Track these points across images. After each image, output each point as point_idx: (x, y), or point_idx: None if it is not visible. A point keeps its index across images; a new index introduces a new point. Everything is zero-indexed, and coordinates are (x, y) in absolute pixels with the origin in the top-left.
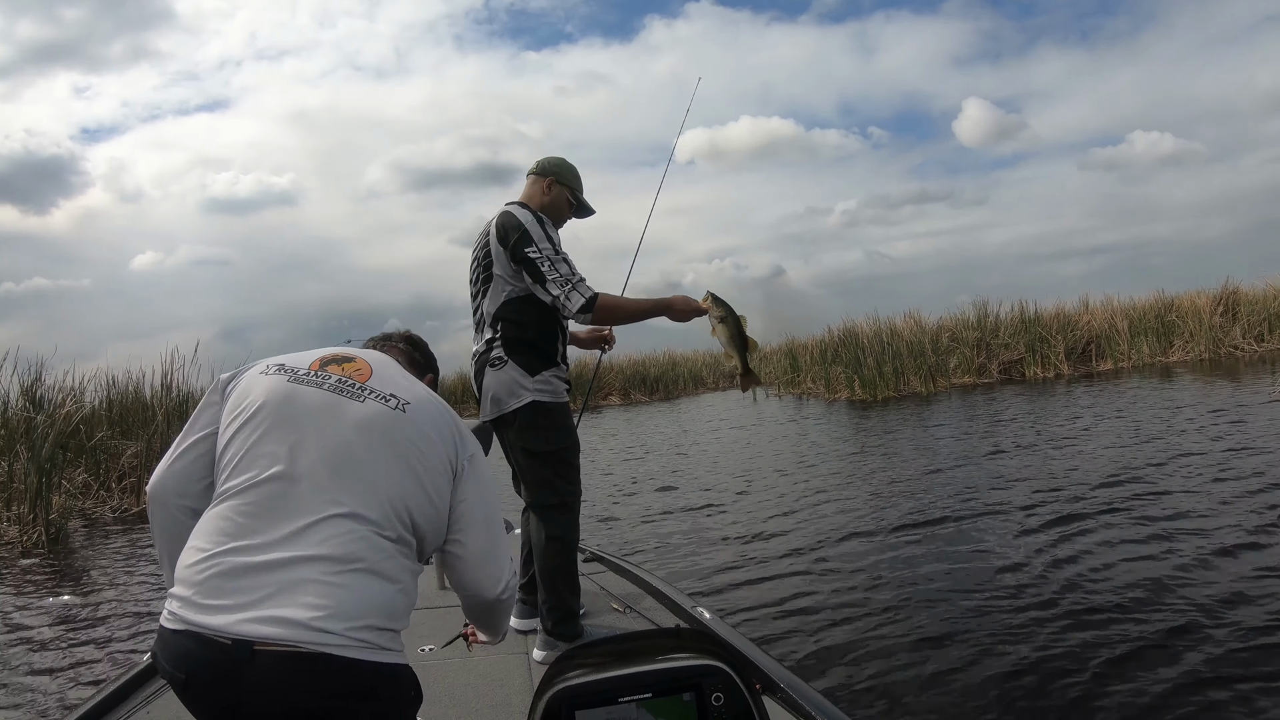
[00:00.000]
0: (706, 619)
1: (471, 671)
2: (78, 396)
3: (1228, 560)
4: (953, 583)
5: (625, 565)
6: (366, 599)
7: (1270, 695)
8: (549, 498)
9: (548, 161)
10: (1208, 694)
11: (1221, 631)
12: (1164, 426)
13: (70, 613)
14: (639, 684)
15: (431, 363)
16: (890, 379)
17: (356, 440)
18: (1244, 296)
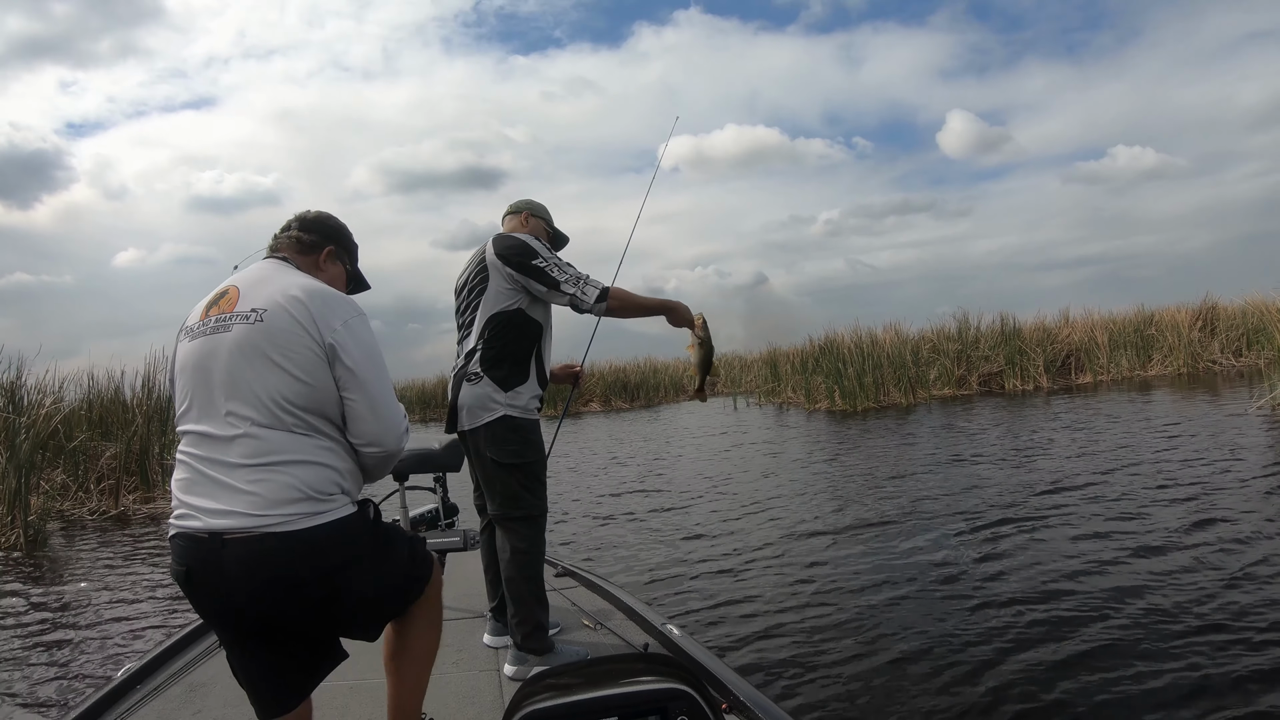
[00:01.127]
0: (675, 636)
1: (444, 689)
2: (58, 396)
3: (1168, 564)
4: (922, 598)
5: (596, 580)
6: (285, 483)
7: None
8: (515, 510)
9: (521, 202)
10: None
11: (1175, 630)
12: (1137, 441)
13: (48, 614)
14: (605, 707)
15: (327, 233)
16: (870, 390)
17: (232, 363)
18: (1223, 311)
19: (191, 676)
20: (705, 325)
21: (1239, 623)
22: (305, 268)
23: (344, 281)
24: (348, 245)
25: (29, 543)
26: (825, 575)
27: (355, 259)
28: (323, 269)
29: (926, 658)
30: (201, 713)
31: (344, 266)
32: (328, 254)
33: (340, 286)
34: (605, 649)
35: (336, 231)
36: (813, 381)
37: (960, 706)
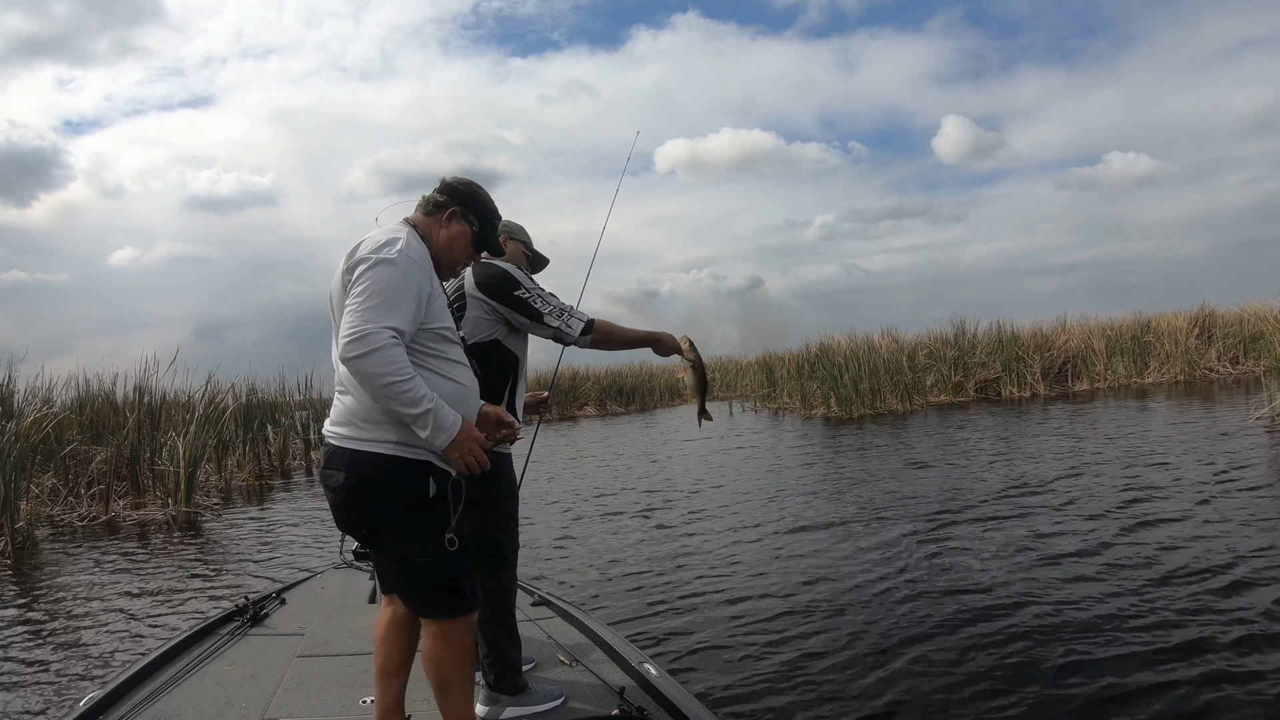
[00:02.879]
0: (653, 676)
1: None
2: (48, 400)
3: (1161, 578)
4: (914, 626)
5: (572, 612)
6: (341, 406)
7: None
8: (486, 548)
9: (501, 223)
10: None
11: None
12: (1138, 454)
13: (29, 627)
14: None
15: (456, 196)
16: (867, 396)
17: (333, 303)
18: (1220, 319)
19: (155, 708)
20: (694, 347)
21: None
22: (428, 224)
23: (467, 239)
24: (476, 209)
25: (17, 550)
26: (812, 603)
27: (486, 221)
28: (444, 226)
29: (922, 689)
30: None
31: (469, 227)
32: (451, 214)
33: (461, 244)
34: (581, 688)
35: (465, 195)
36: (808, 387)
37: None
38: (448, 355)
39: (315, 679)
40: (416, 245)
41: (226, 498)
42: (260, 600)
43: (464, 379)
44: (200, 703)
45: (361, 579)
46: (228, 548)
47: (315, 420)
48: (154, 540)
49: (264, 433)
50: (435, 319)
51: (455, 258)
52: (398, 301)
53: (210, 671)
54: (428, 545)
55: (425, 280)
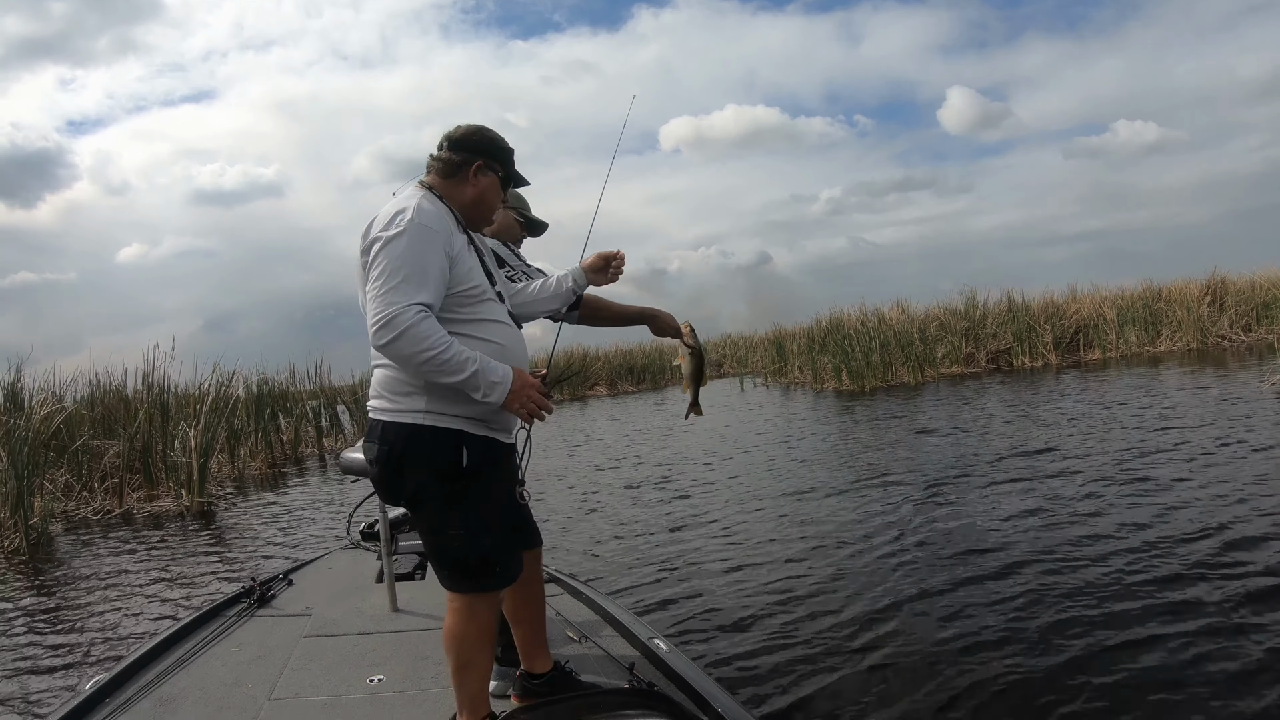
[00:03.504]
0: (663, 651)
1: (420, 707)
2: (59, 396)
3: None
4: (928, 602)
5: (582, 589)
6: (375, 379)
7: None
8: None
9: None
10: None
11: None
12: (1153, 421)
13: (49, 620)
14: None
15: (474, 148)
16: (878, 369)
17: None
18: (1231, 286)
19: (161, 689)
20: (694, 333)
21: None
22: (453, 188)
23: (497, 187)
24: (495, 154)
25: (32, 546)
26: (823, 576)
27: (506, 161)
28: (473, 183)
29: (933, 667)
30: None
31: (496, 175)
32: (477, 168)
33: (493, 193)
34: (590, 663)
35: (481, 145)
36: (819, 361)
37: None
38: (480, 315)
39: (322, 659)
40: (430, 208)
41: (240, 487)
42: (267, 582)
43: (500, 336)
44: (207, 684)
45: (369, 559)
46: (241, 535)
47: (326, 408)
48: (168, 530)
49: (276, 422)
50: (460, 280)
51: (490, 207)
52: (417, 274)
53: (217, 653)
54: (459, 517)
55: (444, 243)
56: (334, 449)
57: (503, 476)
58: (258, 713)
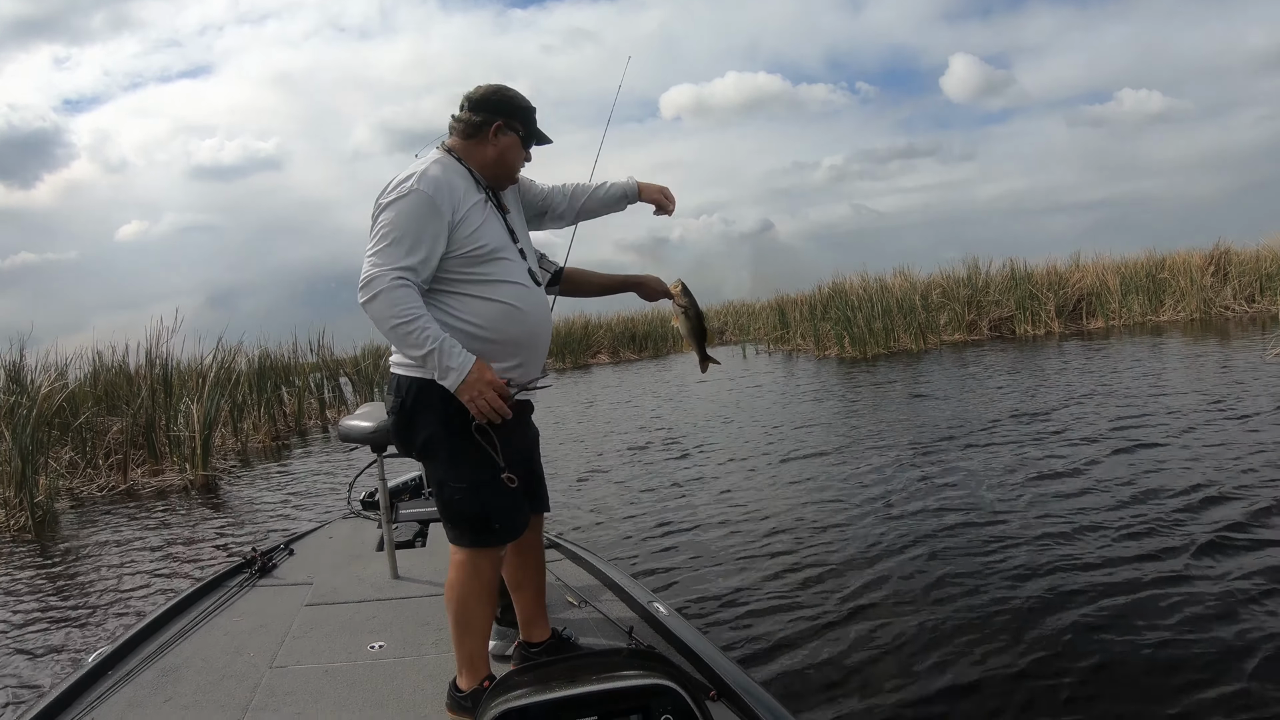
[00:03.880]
0: (663, 615)
1: (420, 672)
2: (61, 374)
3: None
4: (922, 566)
5: (581, 554)
6: None
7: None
8: None
9: None
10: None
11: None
12: (1154, 388)
13: (55, 597)
14: (584, 705)
15: (494, 108)
16: (880, 336)
17: None
18: (1235, 257)
19: (163, 660)
20: (686, 290)
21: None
22: (474, 148)
23: (518, 146)
24: (516, 113)
25: (38, 524)
26: (822, 540)
27: (526, 120)
28: (494, 143)
29: (925, 630)
30: (173, 699)
31: (516, 134)
32: (497, 128)
33: (514, 153)
34: (589, 627)
35: (502, 104)
36: (822, 328)
37: (967, 688)
38: (491, 275)
39: (323, 626)
40: (436, 174)
41: (244, 460)
42: (268, 552)
43: (512, 297)
44: (209, 653)
45: (369, 528)
46: (245, 507)
47: (329, 379)
48: (173, 504)
49: (278, 394)
50: (466, 241)
51: (512, 165)
52: (405, 239)
53: (218, 623)
54: (463, 471)
55: (444, 207)
56: (336, 420)
57: (513, 434)
58: (259, 681)
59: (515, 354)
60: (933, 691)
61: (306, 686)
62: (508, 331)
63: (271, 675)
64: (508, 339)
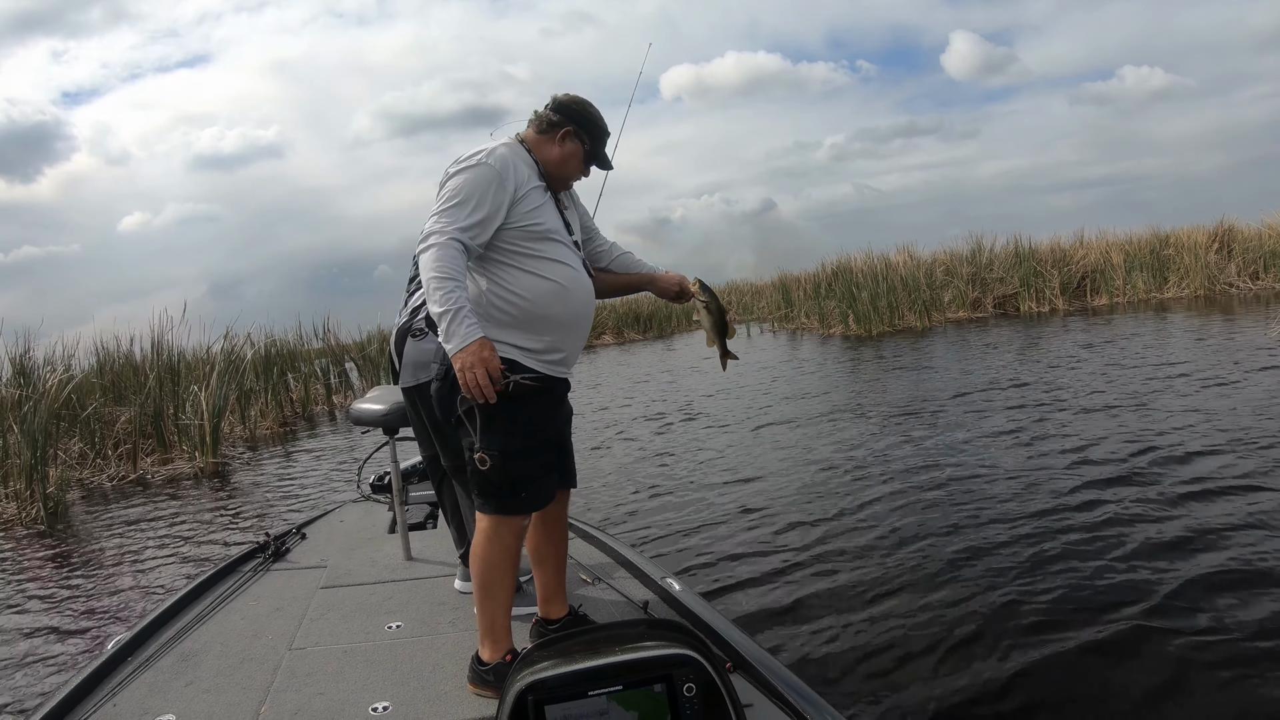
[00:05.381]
0: (676, 591)
1: (439, 651)
2: (67, 365)
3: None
4: (928, 547)
5: (593, 533)
6: None
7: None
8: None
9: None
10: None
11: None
12: (1161, 365)
13: (71, 585)
14: (608, 676)
15: (570, 115)
16: (885, 314)
17: None
18: (1239, 234)
19: (182, 645)
20: (704, 286)
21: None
22: (541, 143)
23: (579, 157)
24: (589, 129)
25: (50, 515)
26: (830, 517)
27: (596, 138)
28: (559, 145)
29: (934, 605)
30: (194, 683)
31: (581, 146)
32: (565, 133)
33: (574, 162)
34: (604, 605)
35: (579, 115)
36: (826, 306)
37: (971, 676)
38: (542, 253)
39: (340, 608)
40: (504, 153)
41: (252, 446)
42: (281, 536)
43: (561, 277)
44: (227, 637)
45: (380, 511)
46: (255, 493)
47: (335, 365)
48: (183, 492)
49: (285, 381)
50: (524, 217)
51: (568, 173)
52: (468, 204)
53: (235, 607)
54: (495, 439)
55: (508, 182)
56: (343, 405)
57: (550, 409)
58: (279, 663)
59: (554, 331)
60: (949, 663)
61: (326, 667)
62: (552, 309)
63: (291, 657)
64: (551, 316)
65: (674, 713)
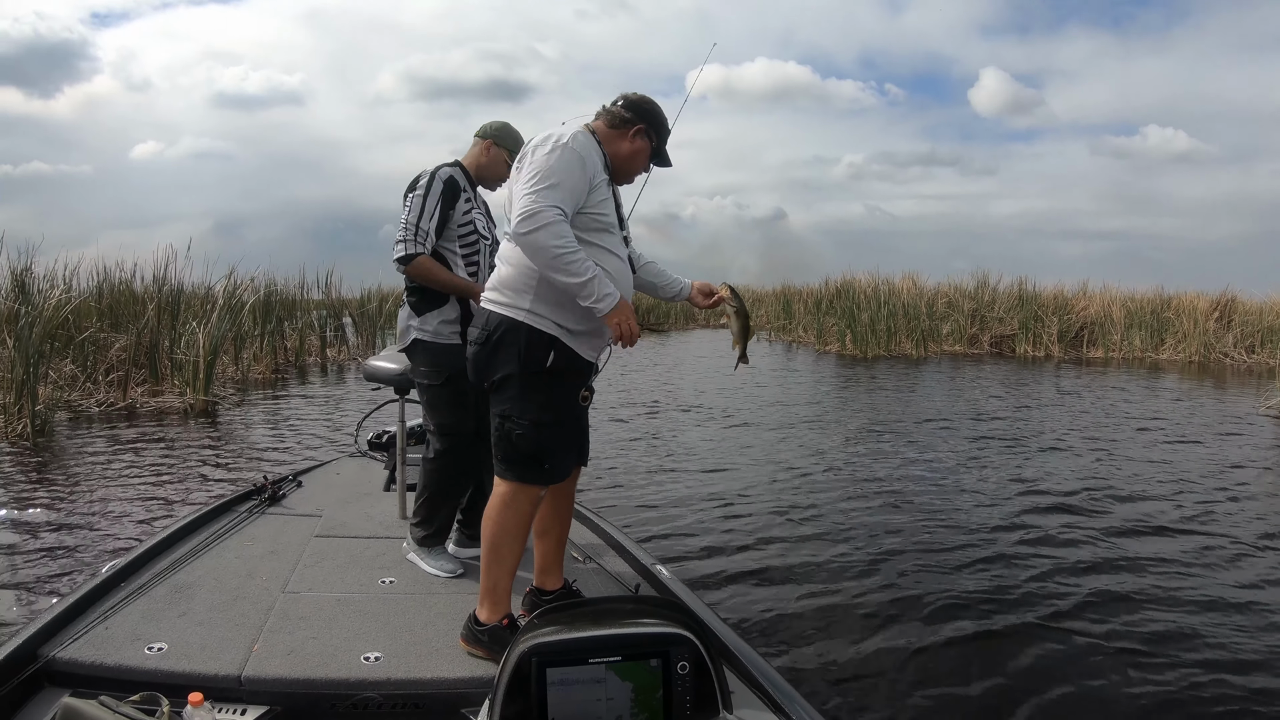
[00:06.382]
0: (665, 578)
1: (432, 609)
2: (68, 285)
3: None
4: (909, 547)
5: (587, 514)
6: (492, 280)
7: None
8: (429, 423)
9: (489, 125)
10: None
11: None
12: (1145, 425)
13: (49, 505)
14: (609, 646)
15: (641, 114)
16: (883, 337)
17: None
18: (1241, 305)
19: (176, 577)
20: (735, 293)
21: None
22: (613, 137)
23: (647, 154)
24: (657, 128)
25: (36, 432)
26: (809, 517)
27: (663, 138)
28: (630, 142)
29: (905, 602)
30: (187, 615)
31: (649, 144)
32: (637, 131)
33: (641, 159)
34: (595, 585)
35: (650, 114)
36: (825, 322)
37: (947, 670)
38: (601, 243)
39: (334, 558)
40: (584, 139)
41: (243, 389)
42: (278, 481)
43: (612, 267)
44: (221, 574)
45: (376, 468)
46: (244, 436)
47: (333, 319)
48: (170, 426)
49: (281, 328)
50: (593, 206)
51: (634, 169)
52: (561, 185)
53: (230, 546)
54: (529, 409)
55: (588, 169)
56: (337, 360)
57: (578, 388)
58: (272, 604)
59: (596, 318)
60: (918, 658)
61: (320, 613)
62: None
63: (285, 600)
64: None
65: (666, 687)
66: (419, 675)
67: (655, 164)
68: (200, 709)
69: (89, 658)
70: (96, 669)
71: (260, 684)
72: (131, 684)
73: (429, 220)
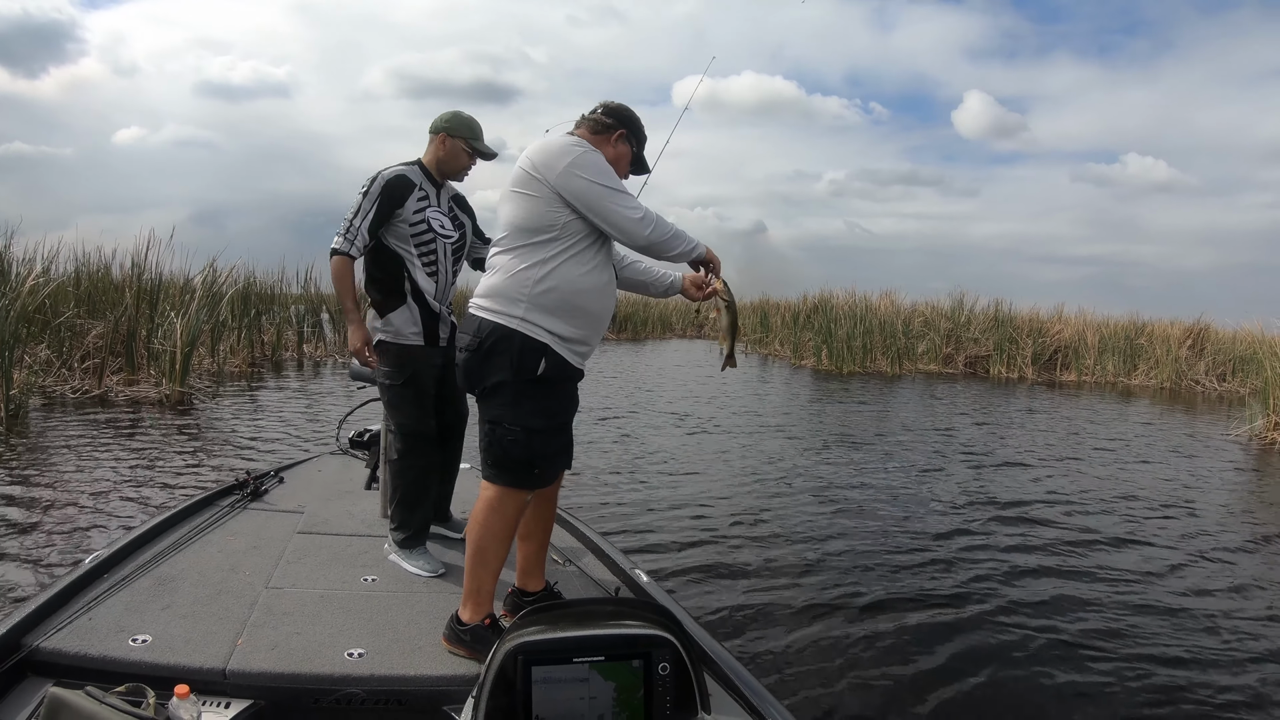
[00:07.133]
0: (643, 582)
1: (414, 607)
2: (45, 269)
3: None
4: (877, 553)
5: (567, 518)
6: (481, 288)
7: None
8: (391, 422)
9: (438, 120)
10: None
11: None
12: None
13: (20, 493)
14: (593, 646)
15: (622, 120)
16: (858, 354)
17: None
18: (1214, 334)
19: (159, 570)
20: (728, 287)
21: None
22: (599, 143)
23: (629, 160)
24: (638, 134)
25: (9, 417)
26: (776, 524)
27: (642, 144)
28: (613, 146)
29: (878, 608)
30: (171, 608)
31: (630, 149)
32: (619, 135)
33: (624, 164)
34: (576, 587)
35: (629, 120)
36: (802, 337)
37: (921, 675)
38: (598, 252)
39: (317, 555)
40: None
41: (218, 381)
42: (260, 476)
43: (607, 276)
44: (204, 568)
45: (357, 466)
46: (220, 428)
47: (311, 314)
48: (145, 416)
49: (258, 322)
50: None
51: (619, 174)
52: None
53: (213, 540)
54: (520, 415)
55: None
56: (314, 355)
57: (569, 395)
58: (256, 599)
59: (587, 326)
60: (885, 659)
61: (303, 609)
62: (592, 305)
63: (268, 595)
64: (590, 311)
65: (648, 688)
66: (402, 672)
67: (634, 171)
68: (186, 701)
69: (73, 648)
70: (81, 659)
71: (245, 678)
72: (116, 675)
73: (361, 219)
